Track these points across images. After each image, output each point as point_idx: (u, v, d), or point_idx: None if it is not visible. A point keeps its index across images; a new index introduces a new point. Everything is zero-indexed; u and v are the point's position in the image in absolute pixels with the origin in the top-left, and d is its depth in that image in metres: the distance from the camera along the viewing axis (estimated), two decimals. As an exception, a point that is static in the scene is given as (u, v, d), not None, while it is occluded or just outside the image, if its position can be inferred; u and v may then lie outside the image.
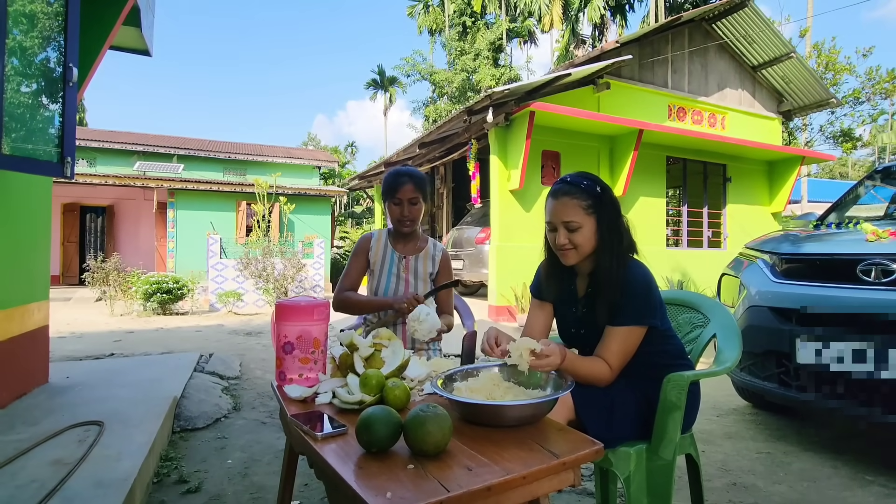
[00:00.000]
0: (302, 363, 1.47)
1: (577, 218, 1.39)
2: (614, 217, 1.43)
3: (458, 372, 1.34)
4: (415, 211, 2.00)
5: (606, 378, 1.37)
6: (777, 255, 2.67)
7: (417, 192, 1.98)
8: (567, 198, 1.41)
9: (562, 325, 1.59)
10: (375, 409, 1.01)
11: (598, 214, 1.41)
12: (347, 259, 2.17)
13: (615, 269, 1.39)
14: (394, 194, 1.98)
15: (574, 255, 1.43)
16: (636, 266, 1.42)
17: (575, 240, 1.41)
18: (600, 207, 1.41)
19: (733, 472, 2.24)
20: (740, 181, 8.79)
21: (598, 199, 1.42)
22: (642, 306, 1.38)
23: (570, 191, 1.42)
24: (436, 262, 2.11)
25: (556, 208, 1.43)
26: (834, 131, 12.46)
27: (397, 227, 2.04)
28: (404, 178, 1.99)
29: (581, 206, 1.40)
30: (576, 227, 1.40)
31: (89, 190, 12.41)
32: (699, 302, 1.78)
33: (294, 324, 1.46)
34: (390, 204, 2.01)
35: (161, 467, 2.22)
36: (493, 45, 21.31)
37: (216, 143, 15.66)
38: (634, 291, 1.38)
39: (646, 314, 1.38)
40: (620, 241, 1.43)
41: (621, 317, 1.37)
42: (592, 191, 1.42)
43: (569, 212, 1.40)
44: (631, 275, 1.39)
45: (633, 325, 1.37)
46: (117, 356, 4.52)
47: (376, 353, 1.47)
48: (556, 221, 1.43)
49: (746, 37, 8.34)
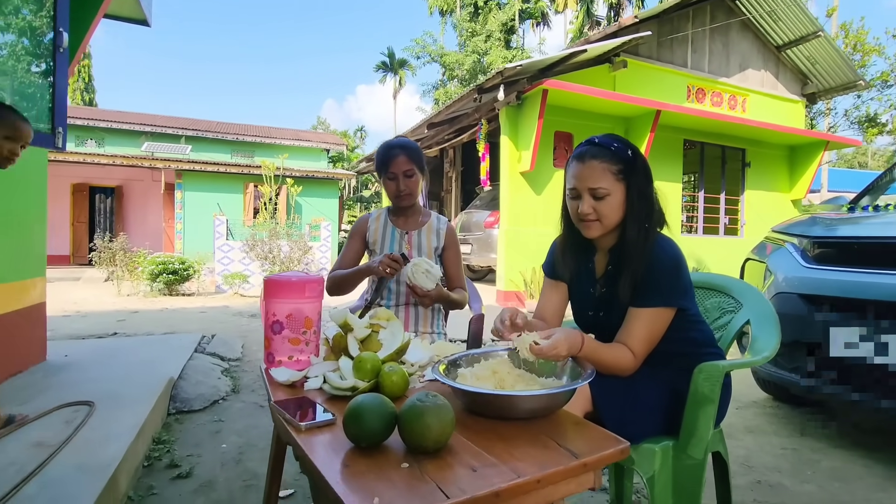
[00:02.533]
0: (292, 344, 1.34)
1: (606, 184, 1.24)
2: (645, 185, 1.27)
3: (463, 357, 1.21)
4: (411, 184, 1.87)
5: (629, 366, 1.23)
6: (808, 238, 2.49)
7: (411, 163, 1.86)
8: (595, 161, 1.25)
9: (578, 307, 1.45)
10: (366, 398, 0.88)
11: (628, 181, 1.26)
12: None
13: (642, 243, 1.24)
14: (387, 168, 1.86)
15: (598, 227, 1.28)
16: (665, 241, 1.27)
17: (601, 209, 1.25)
18: (631, 173, 1.26)
19: (757, 469, 2.09)
20: (760, 166, 8.50)
21: (629, 164, 1.26)
22: (671, 285, 1.23)
23: (598, 153, 1.26)
24: (441, 236, 1.97)
25: (581, 173, 1.26)
26: (859, 116, 11.99)
27: (395, 203, 1.92)
28: (396, 151, 1.86)
29: (611, 171, 1.24)
30: (603, 195, 1.24)
31: (98, 170, 12.39)
32: (730, 285, 1.62)
33: (284, 301, 1.33)
34: (385, 179, 1.90)
35: (153, 450, 2.13)
36: (505, 27, 20.80)
37: (224, 125, 15.55)
38: (663, 268, 1.23)
39: (675, 294, 1.23)
40: (650, 213, 1.27)
41: (647, 297, 1.22)
42: (624, 154, 1.26)
43: (596, 177, 1.24)
44: (659, 250, 1.24)
45: (660, 307, 1.23)
46: (120, 336, 4.49)
47: (373, 335, 1.33)
48: (580, 187, 1.27)
49: (771, 14, 7.97)
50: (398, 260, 1.67)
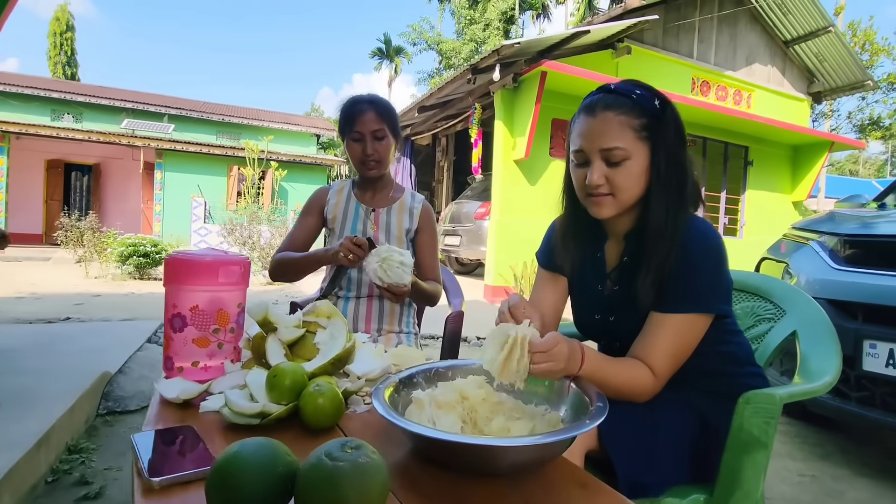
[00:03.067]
0: (198, 346, 1.00)
1: (624, 143, 0.90)
2: (677, 147, 0.94)
3: (423, 372, 0.87)
4: (380, 148, 1.52)
5: (648, 390, 0.91)
6: (839, 236, 2.19)
7: (382, 121, 1.51)
8: (610, 113, 0.92)
9: (581, 307, 1.12)
10: (248, 448, 0.54)
11: (654, 141, 0.92)
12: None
13: (672, 227, 0.91)
14: (352, 126, 1.51)
15: (611, 203, 0.95)
16: (702, 224, 0.94)
17: (617, 179, 0.92)
18: (658, 130, 0.92)
19: (774, 500, 1.80)
20: (762, 165, 8.22)
21: (656, 118, 0.92)
22: (710, 285, 0.91)
23: (614, 103, 0.92)
24: (414, 217, 1.63)
25: (591, 128, 0.93)
26: (862, 119, 11.77)
27: (361, 171, 1.58)
28: (363, 106, 1.51)
29: (631, 127, 0.91)
30: (619, 159, 0.91)
31: (74, 147, 11.85)
32: (769, 286, 1.30)
33: (188, 288, 0.99)
34: (349, 141, 1.55)
35: (63, 462, 1.77)
36: (505, 16, 20.34)
37: (210, 105, 14.99)
38: (700, 262, 0.90)
39: (715, 297, 0.91)
40: (683, 185, 0.94)
41: (677, 299, 0.90)
42: (649, 104, 0.93)
43: (612, 134, 0.90)
44: (697, 236, 0.91)
45: (694, 313, 0.90)
46: (72, 321, 4.14)
47: (307, 337, 0.99)
48: (589, 149, 0.93)
49: (782, 6, 7.66)
50: (362, 245, 1.31)
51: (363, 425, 0.81)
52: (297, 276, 1.56)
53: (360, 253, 1.31)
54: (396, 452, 0.71)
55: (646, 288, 0.91)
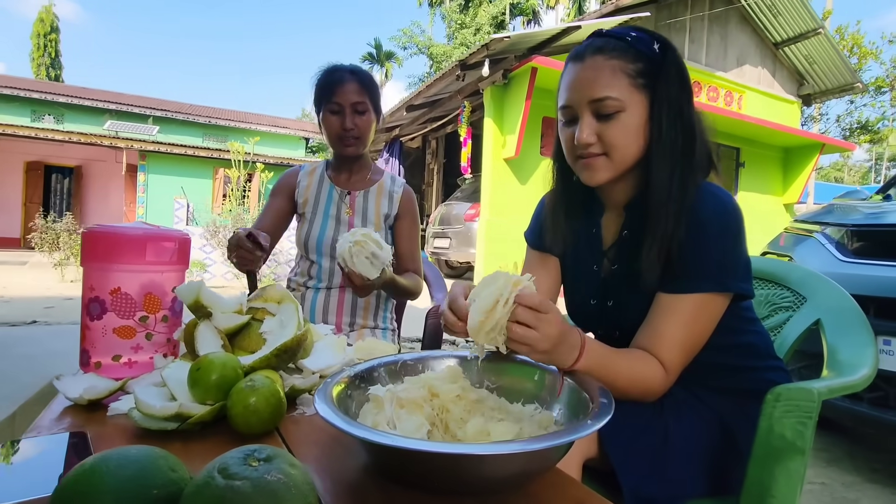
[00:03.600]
0: (121, 336, 0.84)
1: (617, 91, 0.76)
2: (682, 97, 0.79)
3: (385, 365, 0.71)
4: (361, 123, 1.36)
5: (658, 386, 0.77)
6: (846, 227, 2.07)
7: (364, 93, 1.35)
8: (601, 57, 0.77)
9: (574, 293, 0.97)
10: (111, 461, 0.38)
11: (653, 90, 0.78)
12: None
13: (679, 191, 0.76)
14: (330, 97, 1.35)
15: (605, 165, 0.80)
16: (717, 191, 0.79)
17: (610, 135, 0.77)
18: (658, 77, 0.78)
19: (786, 510, 1.64)
20: (754, 167, 8.19)
21: (655, 64, 0.78)
22: (726, 258, 0.76)
23: (606, 46, 0.78)
24: (394, 201, 1.47)
25: (579, 77, 0.79)
26: (851, 122, 11.87)
27: (337, 148, 1.41)
28: (344, 75, 1.35)
29: (625, 73, 0.77)
30: (612, 111, 0.76)
31: (55, 148, 11.56)
32: (785, 271, 1.16)
33: (108, 266, 0.83)
34: (325, 114, 1.37)
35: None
36: (496, 21, 20.37)
37: (197, 107, 14.75)
38: (713, 233, 0.75)
39: (731, 272, 0.76)
40: (691, 142, 0.79)
41: (689, 277, 0.75)
42: (646, 48, 0.78)
43: (602, 81, 0.76)
44: (709, 204, 0.76)
45: (708, 293, 0.76)
46: (39, 324, 3.92)
47: (252, 326, 0.83)
48: (577, 101, 0.79)
49: (772, 8, 7.66)
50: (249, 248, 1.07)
51: (311, 431, 0.65)
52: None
53: (248, 256, 1.08)
54: (350, 467, 0.55)
55: (650, 262, 0.77)
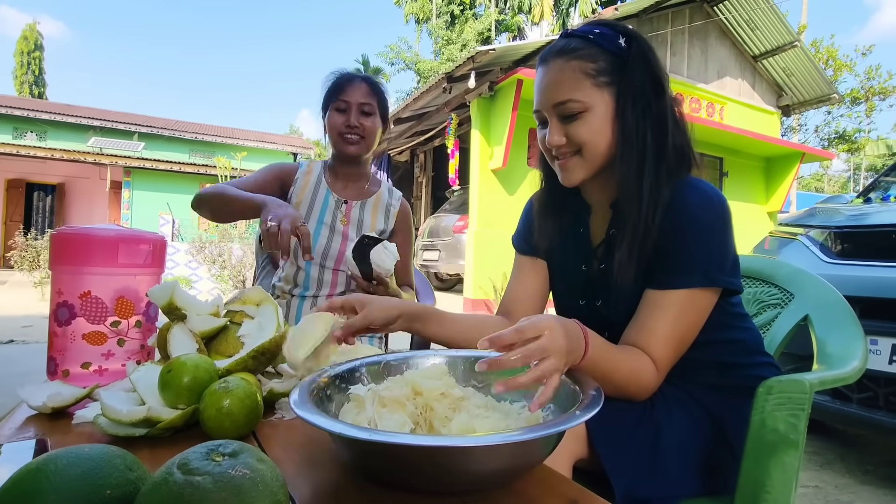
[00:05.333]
0: (91, 343, 0.81)
1: (579, 94, 0.76)
2: (649, 91, 0.77)
3: (368, 364, 0.69)
4: (367, 123, 1.33)
5: (650, 383, 0.75)
6: (830, 228, 2.09)
7: (373, 97, 1.33)
8: (561, 60, 0.78)
9: (563, 292, 0.95)
10: (60, 460, 0.36)
11: (618, 86, 0.77)
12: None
13: (651, 187, 0.75)
14: (339, 95, 1.32)
15: (578, 164, 0.80)
16: (702, 185, 0.78)
17: (575, 133, 0.78)
18: (622, 73, 0.77)
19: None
20: (737, 177, 8.33)
21: (619, 59, 0.78)
22: (714, 252, 0.75)
23: (567, 47, 0.78)
24: (391, 216, 1.45)
25: (543, 81, 0.80)
26: (829, 132, 12.18)
27: (339, 145, 1.34)
28: (354, 78, 1.34)
29: (586, 73, 0.76)
30: (574, 112, 0.77)
31: (37, 165, 11.39)
32: (772, 269, 1.16)
33: (77, 269, 0.80)
34: (331, 111, 1.33)
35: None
36: (481, 37, 20.67)
37: (182, 123, 14.65)
38: (699, 226, 0.74)
39: (719, 266, 0.75)
40: (662, 137, 0.77)
41: (676, 271, 0.74)
42: (609, 44, 0.78)
43: (564, 85, 0.77)
44: (694, 198, 0.76)
45: (696, 287, 0.74)
46: (16, 343, 3.83)
47: (230, 329, 0.80)
48: (543, 105, 0.80)
49: (749, 22, 7.87)
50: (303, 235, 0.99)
51: (289, 436, 0.62)
52: (219, 213, 1.22)
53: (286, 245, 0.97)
54: (331, 471, 0.53)
55: (621, 259, 0.76)
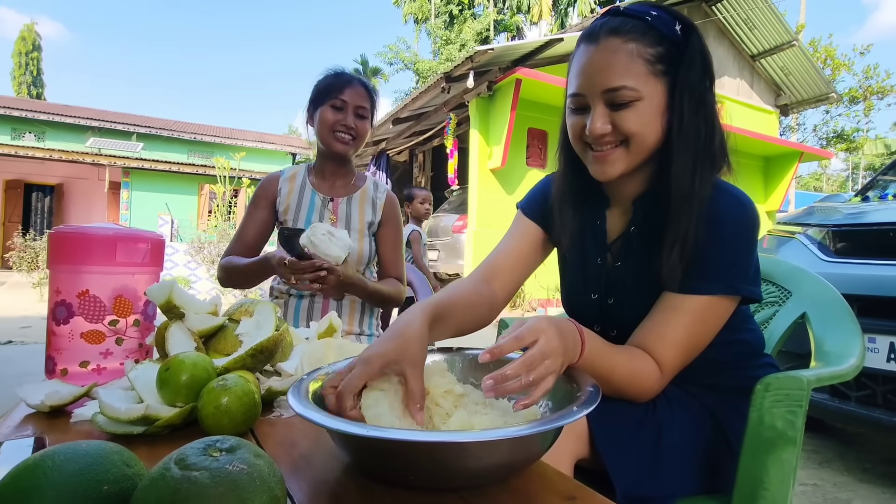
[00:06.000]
0: (89, 342, 0.80)
1: (634, 80, 0.71)
2: (704, 87, 0.74)
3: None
4: (360, 126, 1.36)
5: (652, 389, 0.74)
6: (828, 227, 2.09)
7: (368, 100, 1.35)
8: (617, 39, 0.71)
9: (574, 285, 0.91)
10: (58, 457, 0.36)
11: (674, 76, 0.73)
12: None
13: (700, 186, 0.72)
14: (336, 94, 1.32)
15: (622, 157, 0.75)
16: (734, 190, 0.76)
17: (625, 123, 0.72)
18: (679, 63, 0.73)
19: (780, 512, 1.62)
20: (736, 176, 8.31)
21: (676, 47, 0.73)
22: (741, 260, 0.73)
23: (622, 26, 0.72)
24: (377, 208, 1.45)
25: (592, 61, 0.73)
26: (827, 132, 12.19)
27: (329, 142, 1.35)
28: (352, 79, 1.36)
29: (643, 58, 0.71)
30: (628, 100, 0.71)
31: (36, 166, 11.38)
32: (770, 267, 1.16)
33: (75, 268, 0.80)
34: (326, 108, 1.33)
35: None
36: (480, 37, 20.68)
37: (181, 124, 14.64)
38: (731, 232, 0.72)
39: (744, 275, 0.73)
40: (711, 136, 0.74)
41: (701, 276, 0.72)
42: (668, 30, 0.73)
43: (618, 68, 0.71)
44: (727, 203, 0.73)
45: (719, 294, 0.72)
46: (14, 344, 3.82)
47: (228, 328, 0.80)
48: (589, 89, 0.73)
49: (747, 22, 7.88)
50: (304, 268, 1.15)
51: (287, 434, 0.62)
52: (246, 285, 1.37)
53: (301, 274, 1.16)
54: (329, 468, 0.53)
55: (672, 263, 0.72)
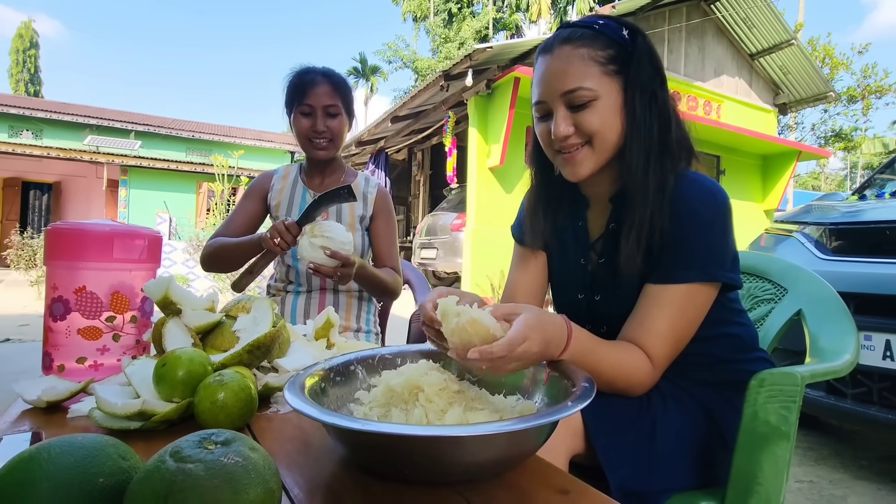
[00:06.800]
0: (86, 338, 0.81)
1: (589, 81, 0.76)
2: (654, 82, 0.79)
3: (362, 359, 0.69)
4: (334, 126, 1.36)
5: (645, 380, 0.75)
6: (825, 225, 2.10)
7: (336, 96, 1.35)
8: (569, 47, 0.77)
9: (561, 287, 0.95)
10: (53, 450, 0.36)
11: (625, 75, 0.78)
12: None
13: (657, 176, 0.76)
14: (301, 98, 1.34)
15: (588, 156, 0.79)
16: (703, 179, 0.79)
17: (586, 122, 0.76)
18: (629, 63, 0.78)
19: (776, 509, 1.63)
20: (734, 175, 8.35)
21: (625, 50, 0.78)
22: (714, 247, 0.75)
23: (573, 35, 0.78)
24: (369, 202, 1.46)
25: (550, 69, 0.79)
26: (826, 131, 12.22)
27: (308, 150, 1.40)
28: (316, 77, 1.35)
29: (595, 60, 0.76)
30: (586, 100, 0.76)
31: (33, 164, 11.35)
32: (766, 264, 1.17)
33: (72, 264, 0.80)
34: (296, 115, 1.36)
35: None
36: (479, 35, 20.68)
37: (179, 122, 14.62)
38: (701, 220, 0.74)
39: (720, 261, 0.75)
40: (665, 131, 0.78)
41: (676, 265, 0.74)
42: (616, 34, 0.79)
43: (573, 72, 0.76)
44: (695, 192, 0.76)
45: (696, 282, 0.75)
46: (12, 342, 3.82)
47: (225, 325, 0.80)
48: (549, 95, 0.78)
49: (746, 20, 7.89)
50: (291, 228, 1.14)
51: (284, 429, 0.62)
52: (228, 266, 1.36)
53: (289, 237, 1.14)
54: (326, 464, 0.53)
55: (629, 250, 0.75)
